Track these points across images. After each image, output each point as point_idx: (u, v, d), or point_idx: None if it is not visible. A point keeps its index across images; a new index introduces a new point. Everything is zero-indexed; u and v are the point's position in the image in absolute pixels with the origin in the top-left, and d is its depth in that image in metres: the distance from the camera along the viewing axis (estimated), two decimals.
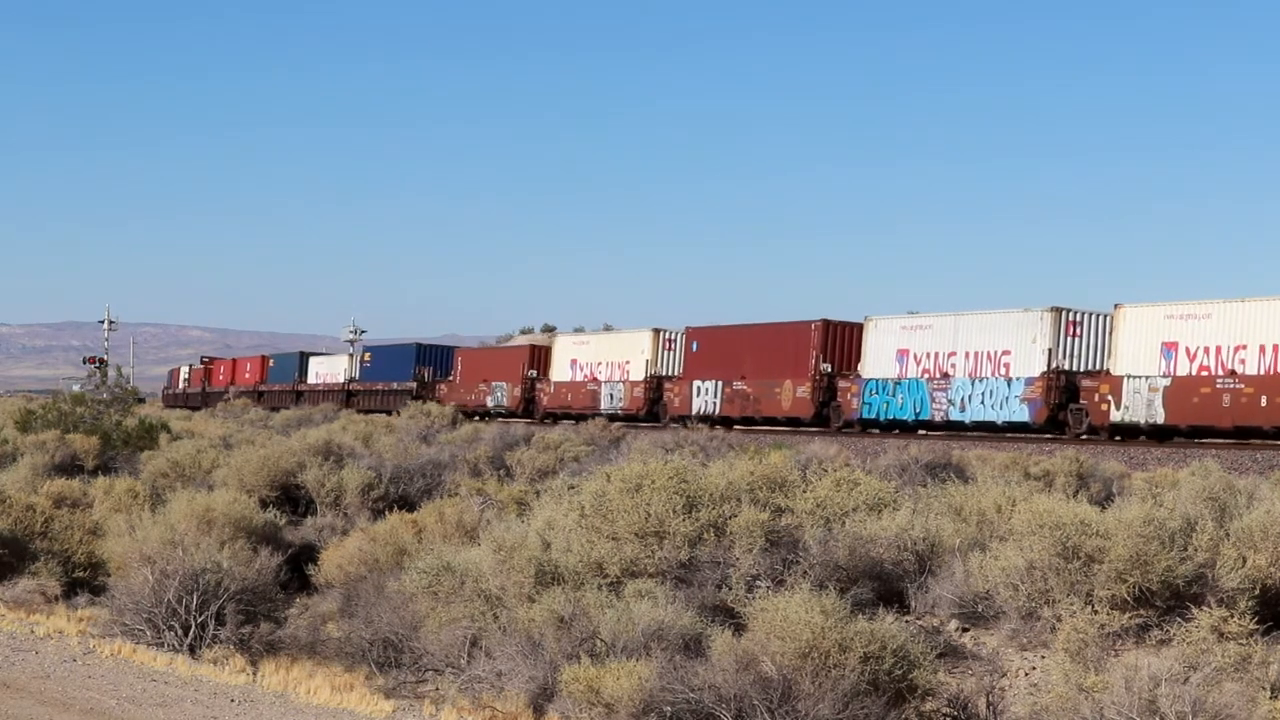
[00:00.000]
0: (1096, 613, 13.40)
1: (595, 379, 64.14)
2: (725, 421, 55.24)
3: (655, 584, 14.51)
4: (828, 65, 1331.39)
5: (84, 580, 19.85)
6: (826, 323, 52.07)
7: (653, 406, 60.12)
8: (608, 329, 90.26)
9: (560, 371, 67.16)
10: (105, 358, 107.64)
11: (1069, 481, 25.96)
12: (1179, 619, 13.39)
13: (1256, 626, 12.92)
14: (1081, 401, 43.32)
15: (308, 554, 19.87)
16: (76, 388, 47.88)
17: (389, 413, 66.72)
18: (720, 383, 56.18)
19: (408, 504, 23.29)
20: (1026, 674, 13.71)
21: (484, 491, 23.54)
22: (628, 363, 62.21)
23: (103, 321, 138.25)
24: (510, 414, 67.95)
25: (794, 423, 52.59)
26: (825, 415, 51.46)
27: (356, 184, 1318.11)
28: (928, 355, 48.03)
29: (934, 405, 47.41)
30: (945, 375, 47.28)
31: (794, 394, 52.36)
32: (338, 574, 18.36)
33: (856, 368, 50.76)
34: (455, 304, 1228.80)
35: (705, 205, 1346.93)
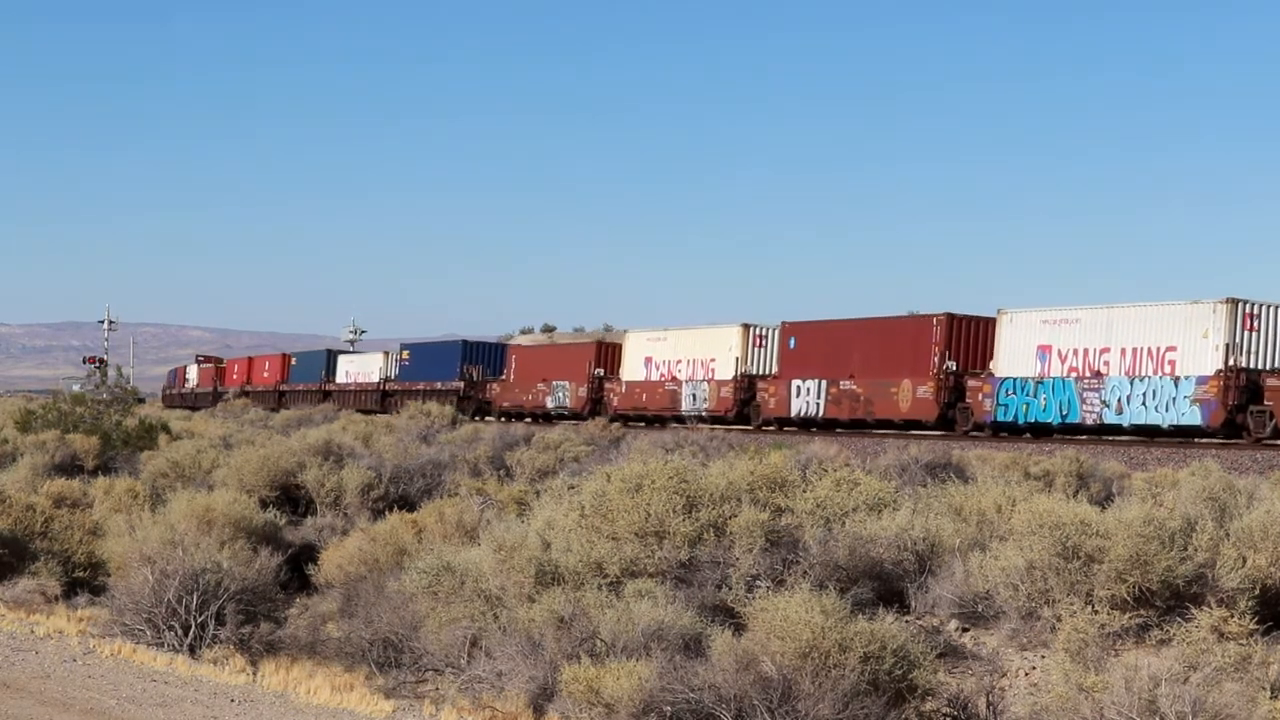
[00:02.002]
0: (1096, 613, 13.40)
1: (674, 378, 59.85)
2: (831, 424, 51.38)
3: (655, 584, 14.52)
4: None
5: (84, 580, 19.86)
6: (950, 316, 48.04)
7: (743, 408, 55.72)
8: (607, 329, 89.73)
9: (633, 370, 62.78)
10: (105, 358, 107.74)
11: (1069, 481, 25.99)
12: (1179, 619, 13.40)
13: (1256, 626, 12.93)
14: (1266, 403, 39.27)
15: (308, 554, 19.88)
16: (76, 388, 47.92)
17: None
18: (824, 382, 51.66)
19: (408, 504, 23.30)
20: (1026, 674, 13.72)
21: (484, 491, 23.55)
22: (713, 360, 57.76)
23: (103, 321, 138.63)
24: (575, 416, 63.29)
25: (913, 426, 48.03)
26: (950, 418, 47.15)
27: (357, 184, 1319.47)
28: (1075, 352, 43.67)
29: (1084, 407, 43.14)
30: (1097, 374, 43.03)
31: (913, 394, 48.00)
32: (338, 574, 18.36)
33: (988, 366, 46.59)
34: (453, 305, 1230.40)
35: (706, 205, 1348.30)
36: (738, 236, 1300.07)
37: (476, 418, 66.67)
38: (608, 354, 65.54)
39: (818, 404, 52.09)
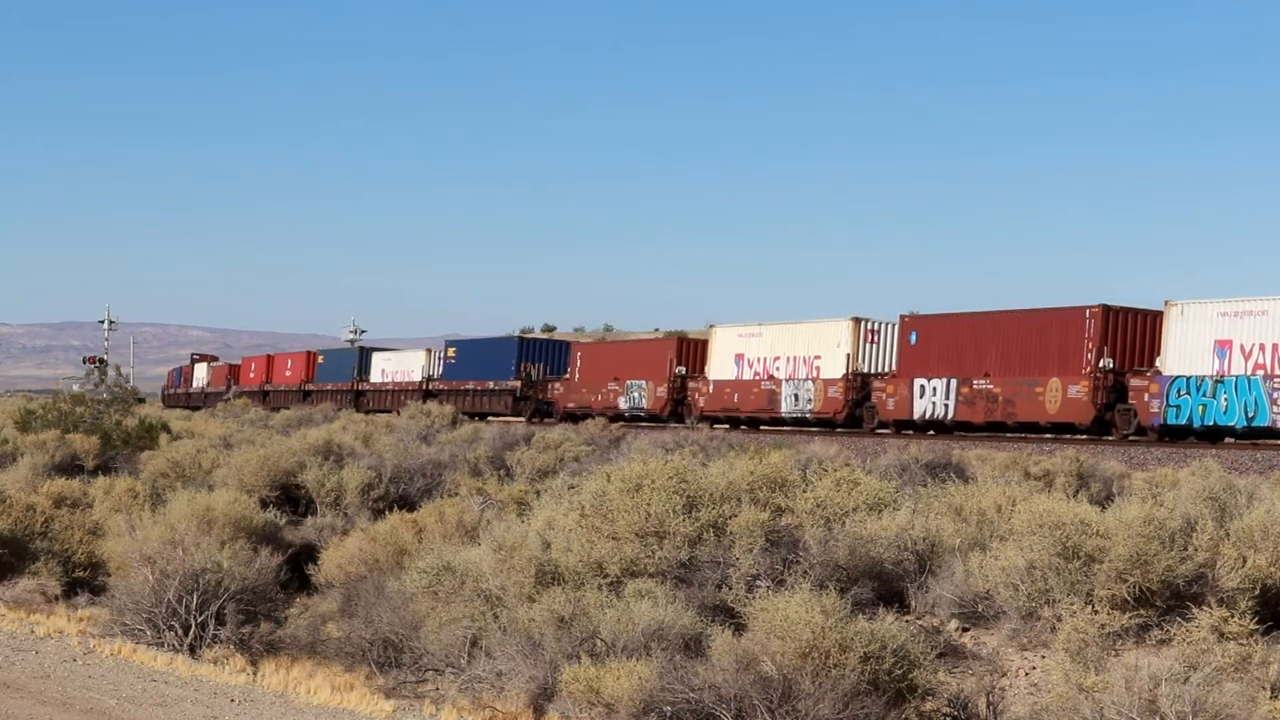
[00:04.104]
0: (1097, 612, 13.40)
1: (771, 377, 54.51)
2: (962, 428, 46.80)
3: (655, 584, 14.52)
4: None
5: (84, 580, 19.86)
6: (1106, 308, 43.19)
7: (854, 409, 50.86)
8: (608, 329, 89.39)
9: (721, 369, 57.07)
10: (105, 358, 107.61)
11: (1069, 481, 25.96)
12: (1179, 619, 13.40)
13: (1256, 626, 12.92)
14: None
15: (308, 554, 19.88)
16: (76, 388, 47.88)
17: (484, 416, 61.13)
18: (954, 381, 46.83)
19: (408, 504, 23.28)
20: (1026, 674, 13.71)
21: (484, 491, 23.54)
22: (818, 358, 52.60)
23: (103, 321, 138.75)
24: (653, 418, 58.79)
25: (1063, 429, 43.83)
26: (1108, 420, 42.62)
27: (357, 184, 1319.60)
28: (1261, 347, 39.16)
29: (1275, 409, 38.52)
30: None
31: (1063, 394, 43.64)
32: (338, 574, 18.36)
33: (1153, 363, 42.07)
34: (452, 304, 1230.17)
35: (714, 203, 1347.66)
36: (737, 237, 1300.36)
37: (536, 419, 63.77)
38: (690, 351, 60.24)
39: (947, 405, 47.38)
